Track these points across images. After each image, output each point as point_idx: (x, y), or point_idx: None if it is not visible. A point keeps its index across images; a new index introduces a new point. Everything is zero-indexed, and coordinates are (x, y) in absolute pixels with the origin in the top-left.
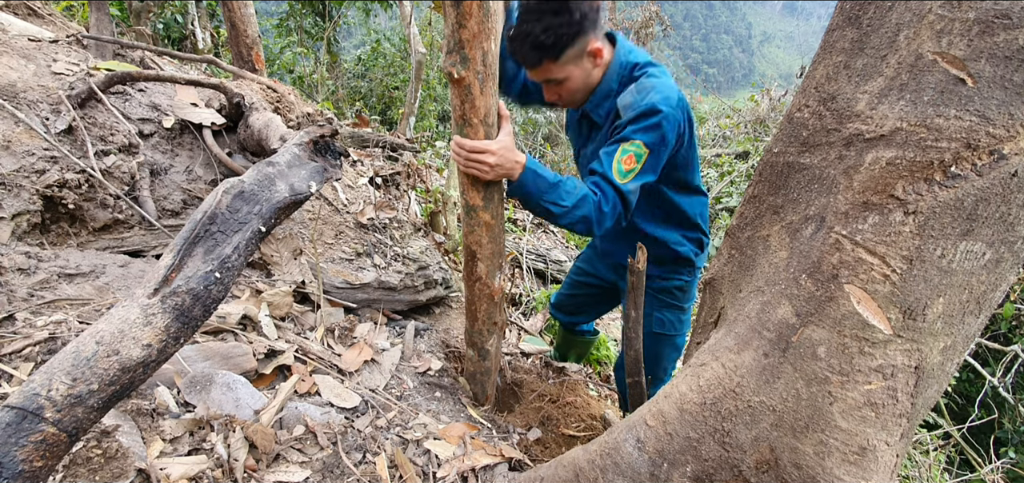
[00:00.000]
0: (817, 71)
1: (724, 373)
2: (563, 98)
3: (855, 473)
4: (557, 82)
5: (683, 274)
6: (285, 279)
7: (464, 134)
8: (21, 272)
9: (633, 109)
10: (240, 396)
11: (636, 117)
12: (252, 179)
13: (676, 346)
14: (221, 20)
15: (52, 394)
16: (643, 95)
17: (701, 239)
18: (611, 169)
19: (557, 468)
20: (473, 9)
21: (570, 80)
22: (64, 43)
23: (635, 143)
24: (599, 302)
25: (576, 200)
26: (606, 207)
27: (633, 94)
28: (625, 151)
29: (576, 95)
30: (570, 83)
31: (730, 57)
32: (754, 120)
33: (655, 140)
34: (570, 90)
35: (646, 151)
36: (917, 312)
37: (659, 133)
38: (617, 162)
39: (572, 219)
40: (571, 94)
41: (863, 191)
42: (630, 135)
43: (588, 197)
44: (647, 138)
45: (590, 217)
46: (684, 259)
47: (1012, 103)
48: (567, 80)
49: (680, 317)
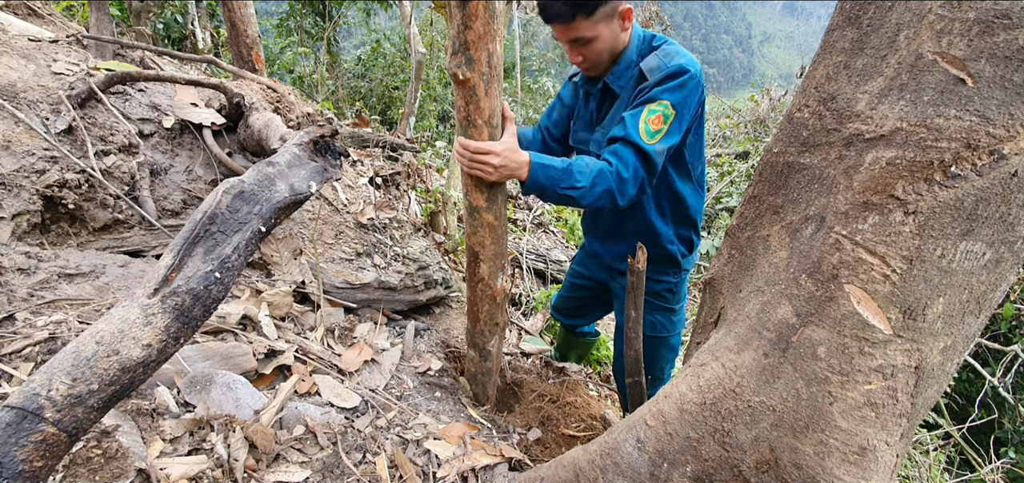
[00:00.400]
0: (817, 71)
1: (724, 373)
2: (588, 60)
3: (855, 473)
4: (586, 41)
5: (669, 275)
6: (285, 279)
7: (468, 135)
8: (21, 272)
9: (661, 70)
10: (240, 396)
11: (665, 78)
12: (252, 179)
13: (670, 346)
14: (221, 20)
15: (52, 394)
16: (669, 58)
17: (692, 239)
18: (637, 130)
19: (557, 468)
20: (479, 10)
21: (599, 40)
22: (64, 43)
23: (663, 102)
24: (597, 304)
25: (592, 177)
26: (626, 173)
27: (659, 58)
28: (652, 111)
29: (602, 57)
30: (598, 43)
31: (730, 57)
32: (754, 120)
33: (682, 100)
34: (597, 51)
35: (673, 112)
36: (917, 312)
37: (685, 93)
38: (644, 122)
39: (594, 197)
40: (597, 55)
41: (863, 191)
42: (658, 95)
43: (604, 170)
44: (674, 97)
45: (611, 189)
46: (672, 258)
47: (1012, 103)
48: (596, 40)
49: (671, 319)
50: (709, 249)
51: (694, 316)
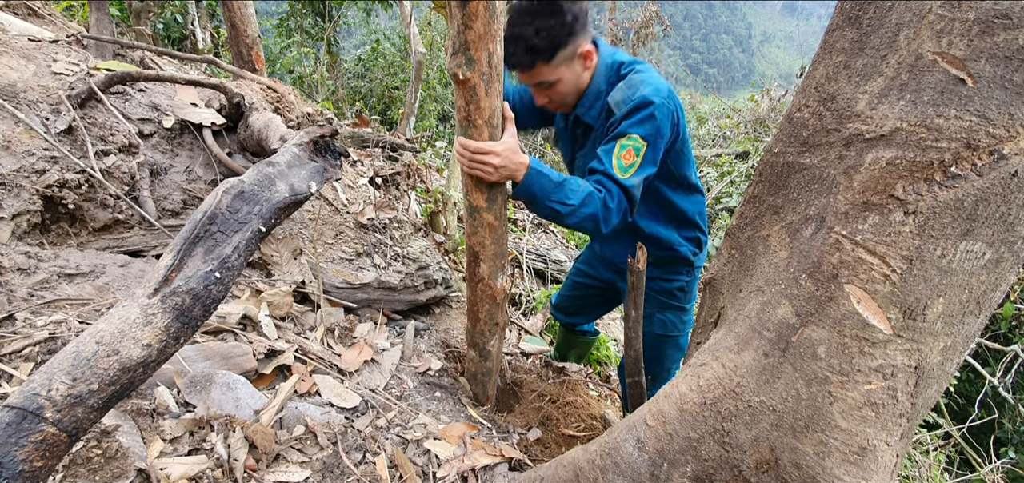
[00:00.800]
0: (817, 71)
1: (724, 373)
2: (554, 101)
3: (855, 473)
4: (549, 84)
5: (682, 275)
6: (285, 279)
7: (468, 135)
8: (21, 272)
9: (626, 104)
10: (240, 396)
11: (629, 111)
12: (252, 179)
13: (679, 346)
14: (221, 20)
15: (52, 394)
16: (634, 90)
17: (699, 238)
18: (611, 166)
19: (557, 468)
20: (479, 10)
21: (561, 83)
22: (64, 43)
23: (632, 137)
24: (599, 303)
25: (582, 198)
26: (611, 203)
27: (623, 90)
28: (623, 146)
29: (567, 97)
30: (561, 85)
31: (730, 57)
32: (754, 120)
33: (651, 132)
34: (561, 93)
35: (644, 144)
36: (917, 312)
37: (654, 124)
38: (616, 158)
39: (579, 218)
40: (562, 97)
41: (863, 191)
42: (626, 130)
43: (594, 194)
44: (643, 130)
45: (597, 214)
46: (683, 259)
47: (1012, 103)
48: (558, 83)
49: (682, 318)
50: (709, 249)
51: None
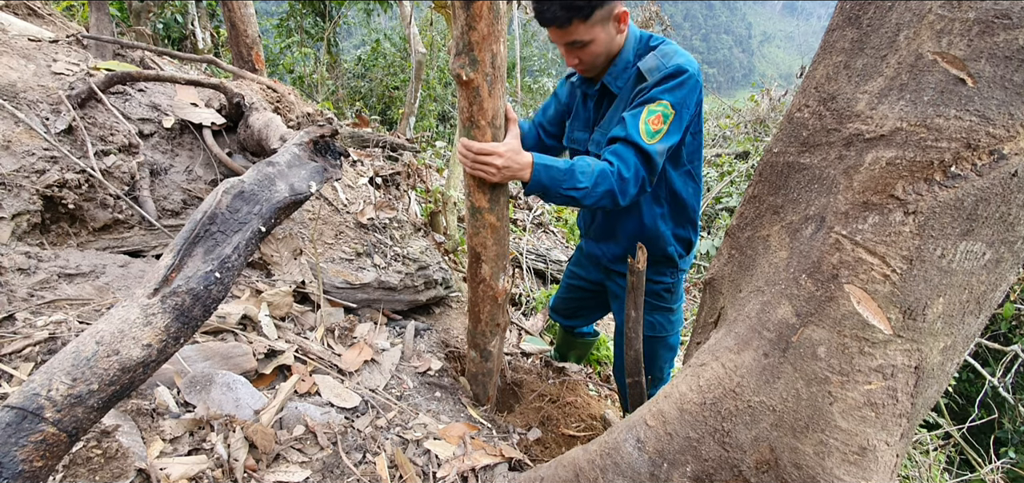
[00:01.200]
0: (817, 71)
1: (724, 373)
2: (584, 63)
3: (855, 473)
4: (582, 45)
5: (666, 276)
6: (285, 279)
7: (471, 136)
8: (21, 272)
9: (660, 70)
10: (240, 396)
11: (664, 78)
12: (252, 179)
13: (669, 345)
14: (221, 20)
15: (52, 394)
16: (668, 58)
17: (690, 239)
18: (637, 130)
19: (557, 468)
20: (483, 11)
21: (595, 43)
22: (64, 43)
23: (662, 102)
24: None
25: (594, 178)
26: (627, 173)
27: (658, 58)
28: (652, 111)
29: (598, 59)
30: (594, 46)
31: (730, 57)
32: (754, 120)
33: (681, 100)
34: (593, 54)
35: (672, 112)
36: (917, 312)
37: (684, 92)
38: (644, 123)
39: (596, 197)
40: (594, 58)
41: (863, 191)
42: (657, 95)
43: (606, 170)
44: (673, 97)
45: (613, 189)
46: (668, 259)
47: (1012, 103)
48: (592, 43)
49: (669, 318)
50: (709, 249)
51: (694, 316)
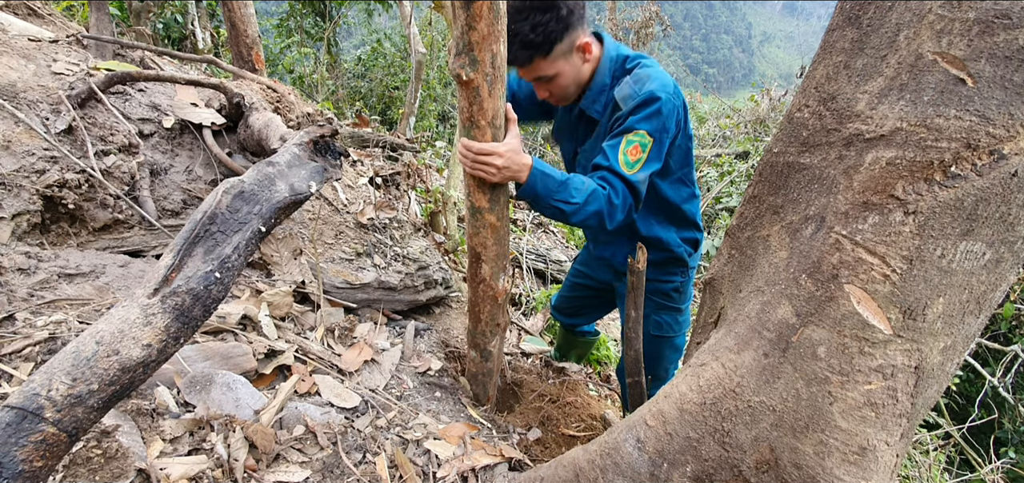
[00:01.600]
0: (817, 71)
1: (724, 373)
2: (555, 95)
3: (855, 473)
4: (548, 79)
5: (676, 276)
6: (285, 279)
7: (471, 136)
8: (21, 272)
9: (632, 99)
10: (240, 396)
11: (636, 107)
12: (252, 179)
13: (676, 346)
14: (221, 20)
15: (52, 394)
16: (640, 84)
17: (696, 238)
18: (617, 161)
19: (557, 468)
20: (483, 11)
21: (561, 76)
22: (64, 43)
23: (638, 133)
24: (598, 304)
25: (586, 196)
26: (616, 199)
27: (631, 85)
28: (630, 142)
29: (568, 90)
30: (561, 79)
31: (730, 57)
32: (754, 120)
33: (657, 127)
34: (561, 86)
35: (650, 140)
36: (917, 312)
37: (660, 120)
38: (622, 154)
39: (584, 215)
40: (563, 90)
41: (863, 191)
42: (633, 125)
43: (598, 191)
44: (649, 126)
45: (602, 211)
46: (678, 260)
47: (1012, 103)
48: (558, 77)
49: (677, 319)
50: (709, 249)
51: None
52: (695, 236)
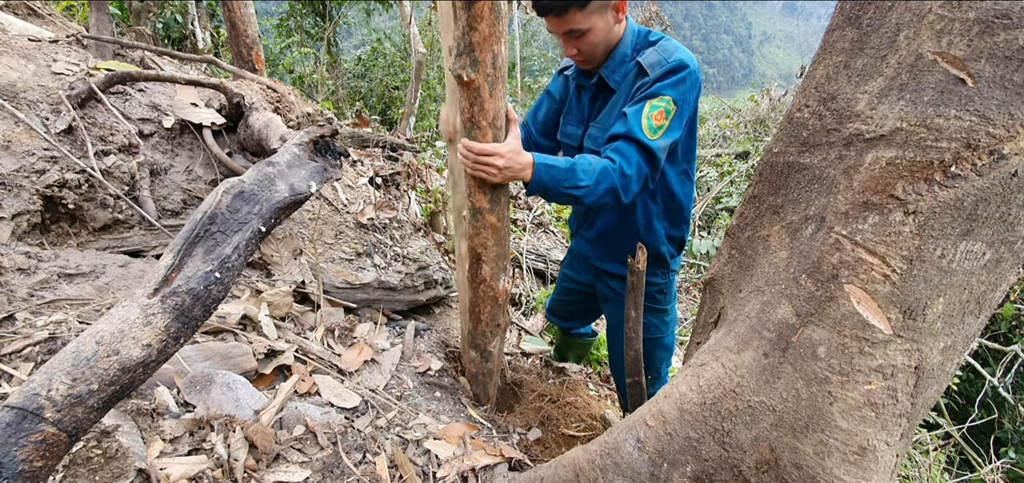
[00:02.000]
0: (817, 71)
1: (724, 373)
2: (583, 52)
3: (855, 473)
4: (579, 33)
5: (657, 277)
6: (285, 279)
7: (472, 137)
8: (21, 272)
9: (661, 65)
10: (240, 396)
11: (665, 73)
12: (252, 179)
13: (665, 346)
14: (221, 20)
15: (52, 394)
16: (669, 53)
17: (683, 238)
18: (640, 126)
19: (557, 468)
20: (484, 12)
21: (593, 32)
22: (64, 43)
23: (664, 98)
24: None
25: (596, 176)
26: (630, 170)
27: (659, 53)
28: (654, 107)
29: (596, 49)
30: (592, 36)
31: (730, 57)
32: (754, 120)
33: (682, 95)
34: (591, 43)
35: (674, 107)
36: (917, 312)
37: (685, 88)
38: (646, 118)
39: (597, 195)
40: (591, 48)
41: (863, 191)
42: (659, 91)
43: (607, 168)
44: (675, 93)
45: (615, 186)
46: (660, 258)
47: (1012, 103)
48: (590, 32)
49: (663, 319)
50: (709, 249)
51: (694, 316)
52: (683, 235)
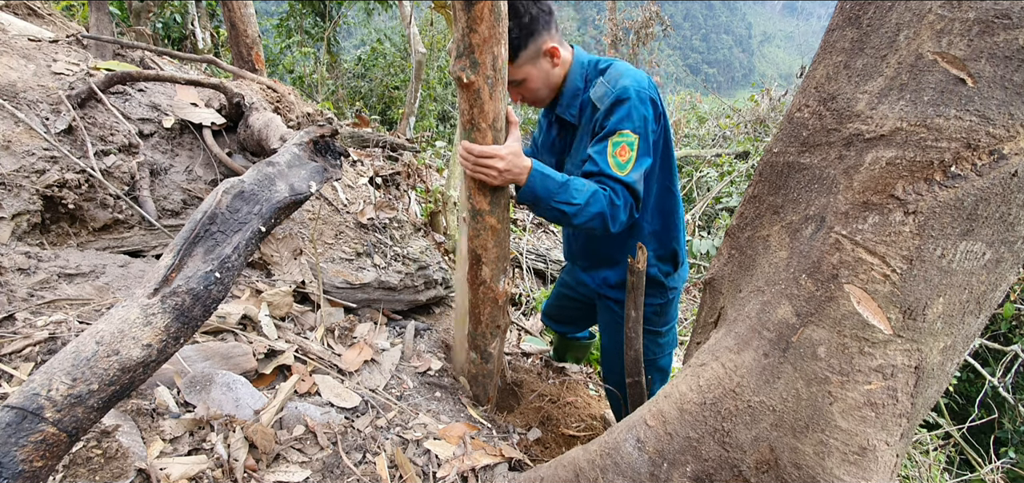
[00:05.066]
0: (817, 71)
1: (724, 373)
2: (527, 98)
3: (855, 473)
4: (517, 83)
5: (654, 297)
6: (285, 279)
7: (472, 139)
8: (21, 272)
9: (608, 97)
10: (240, 396)
11: (613, 105)
12: (252, 179)
13: (660, 368)
14: (221, 20)
15: (52, 394)
16: (614, 83)
17: (676, 254)
18: (608, 166)
19: (557, 468)
20: (484, 13)
21: (529, 80)
22: (64, 43)
23: (623, 133)
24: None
25: (587, 197)
26: (618, 200)
27: (604, 85)
28: (616, 144)
29: (539, 93)
30: (530, 83)
31: (730, 57)
32: (754, 120)
33: (639, 120)
34: (532, 89)
35: (635, 137)
36: (917, 312)
37: (640, 113)
38: (611, 157)
39: (586, 217)
40: (534, 93)
41: (863, 191)
42: (615, 126)
43: (599, 193)
44: (631, 124)
45: (604, 212)
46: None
47: (1012, 103)
48: (526, 81)
49: (657, 341)
50: (709, 249)
51: (694, 316)
52: (675, 251)
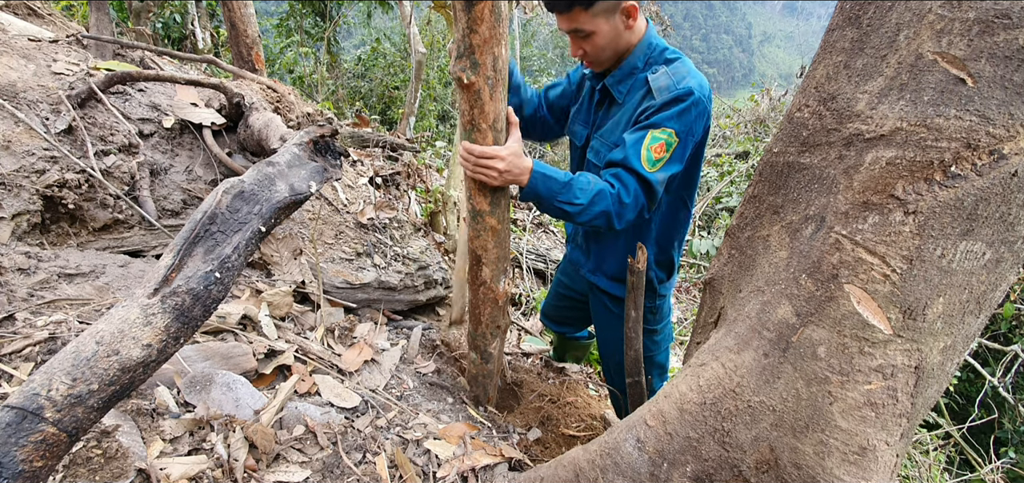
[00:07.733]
0: (817, 71)
1: (724, 373)
2: (589, 55)
3: (855, 473)
4: (584, 35)
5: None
6: (285, 279)
7: (472, 139)
8: (21, 272)
9: (669, 91)
10: (240, 396)
11: (671, 101)
12: (252, 179)
13: (658, 363)
14: (221, 20)
15: (52, 394)
16: (679, 78)
17: (672, 263)
18: (639, 157)
19: (557, 468)
20: (485, 14)
21: (598, 35)
22: (64, 43)
23: (666, 130)
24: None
25: (591, 196)
26: (627, 198)
27: (669, 77)
28: (655, 138)
29: (603, 53)
30: (598, 38)
31: (730, 57)
32: (754, 120)
33: (686, 128)
34: (597, 46)
35: (676, 140)
36: (917, 312)
37: (691, 120)
38: (646, 149)
39: (590, 216)
40: (598, 51)
41: (863, 191)
42: (661, 121)
43: (605, 191)
44: (679, 125)
45: (609, 211)
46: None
47: (1012, 103)
48: (595, 35)
49: (653, 339)
50: (709, 249)
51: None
52: (672, 260)
